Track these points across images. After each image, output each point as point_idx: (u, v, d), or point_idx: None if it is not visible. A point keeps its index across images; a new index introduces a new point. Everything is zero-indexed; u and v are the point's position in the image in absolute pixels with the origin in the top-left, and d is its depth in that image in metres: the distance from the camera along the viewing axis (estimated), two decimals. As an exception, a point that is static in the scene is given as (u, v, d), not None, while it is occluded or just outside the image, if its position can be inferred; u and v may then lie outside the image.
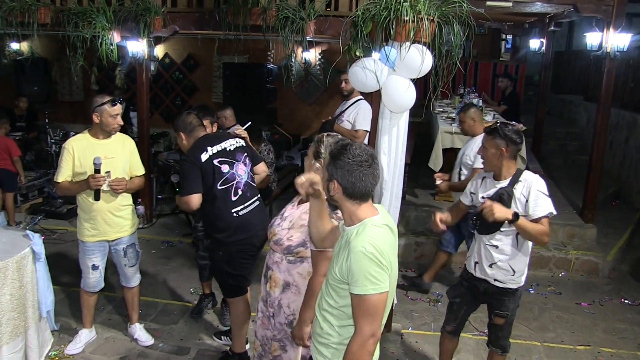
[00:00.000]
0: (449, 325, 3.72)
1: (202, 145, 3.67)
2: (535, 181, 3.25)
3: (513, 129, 3.31)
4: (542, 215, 3.19)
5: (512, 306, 3.44)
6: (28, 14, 5.92)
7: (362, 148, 2.23)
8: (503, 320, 3.46)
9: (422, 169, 7.27)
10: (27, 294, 3.75)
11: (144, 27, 5.86)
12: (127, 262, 4.13)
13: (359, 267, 2.10)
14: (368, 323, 2.11)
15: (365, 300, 2.10)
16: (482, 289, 3.45)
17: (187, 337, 4.46)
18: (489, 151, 3.33)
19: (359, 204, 2.23)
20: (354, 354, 2.13)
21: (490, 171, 3.43)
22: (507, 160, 3.30)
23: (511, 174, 3.31)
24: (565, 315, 5.17)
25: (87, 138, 3.91)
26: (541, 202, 3.20)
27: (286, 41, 5.24)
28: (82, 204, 3.94)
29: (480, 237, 3.42)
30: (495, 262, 3.34)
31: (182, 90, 10.74)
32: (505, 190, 3.25)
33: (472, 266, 3.50)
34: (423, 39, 3.70)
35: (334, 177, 2.20)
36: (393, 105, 3.91)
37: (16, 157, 6.57)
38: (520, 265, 3.35)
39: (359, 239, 2.15)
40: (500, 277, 3.35)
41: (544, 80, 8.94)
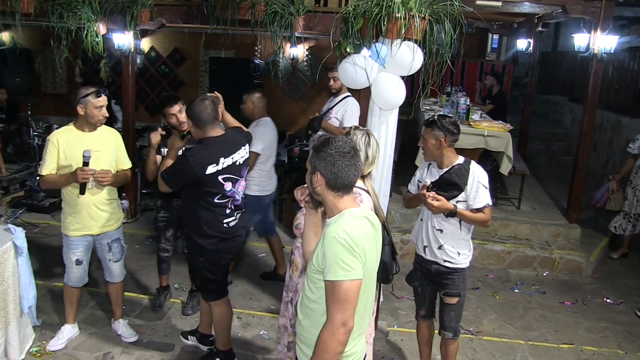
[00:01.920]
0: (421, 310, 3.89)
1: (214, 155, 3.45)
2: (479, 174, 3.46)
3: (450, 121, 3.49)
4: (480, 207, 3.43)
5: (462, 285, 3.63)
6: (10, 2, 5.79)
7: (344, 140, 2.28)
8: (456, 299, 3.62)
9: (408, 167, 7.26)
10: (8, 289, 3.68)
11: (131, 20, 5.77)
12: (112, 257, 4.08)
13: (331, 252, 2.12)
14: (339, 311, 2.10)
15: (336, 287, 2.10)
16: (433, 270, 3.64)
17: (172, 333, 4.42)
18: (429, 142, 3.49)
19: (340, 195, 2.25)
20: (324, 342, 2.12)
21: (430, 160, 3.62)
22: (447, 149, 3.47)
23: (452, 162, 3.50)
24: (549, 314, 5.21)
25: (72, 131, 3.84)
26: (481, 194, 3.43)
27: (274, 36, 5.20)
28: (66, 197, 3.87)
29: (427, 221, 3.62)
30: (442, 245, 3.55)
31: (168, 84, 10.61)
32: (463, 166, 3.47)
33: (421, 250, 3.70)
34: (414, 37, 3.69)
35: (317, 169, 2.23)
36: (383, 103, 3.89)
37: None
38: (465, 248, 3.59)
39: (334, 226, 2.17)
40: (448, 258, 3.56)
41: (530, 81, 9.00)
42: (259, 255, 6.13)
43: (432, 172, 3.60)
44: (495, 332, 4.82)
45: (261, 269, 5.75)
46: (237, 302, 4.84)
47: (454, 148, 3.54)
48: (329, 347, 2.11)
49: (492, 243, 6.28)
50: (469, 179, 3.42)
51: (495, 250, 6.23)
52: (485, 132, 6.29)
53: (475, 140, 6.27)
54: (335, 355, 2.13)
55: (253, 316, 4.78)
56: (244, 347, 4.29)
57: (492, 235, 6.43)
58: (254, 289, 5.29)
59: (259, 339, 4.44)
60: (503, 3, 6.04)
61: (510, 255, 6.22)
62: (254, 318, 4.75)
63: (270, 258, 5.89)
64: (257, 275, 5.58)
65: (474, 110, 7.41)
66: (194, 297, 4.81)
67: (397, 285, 5.50)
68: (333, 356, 2.13)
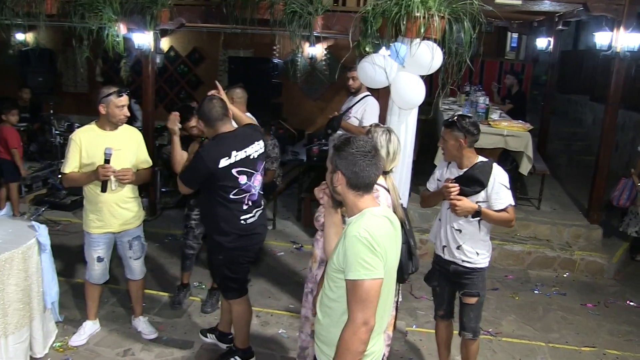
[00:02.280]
0: (439, 310, 3.86)
1: (226, 148, 3.48)
2: (499, 174, 3.43)
3: (470, 121, 3.45)
4: (502, 208, 3.39)
5: (481, 285, 3.60)
6: (34, 4, 5.87)
7: (365, 140, 2.29)
8: (475, 299, 3.59)
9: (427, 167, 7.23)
10: (32, 284, 3.74)
11: (151, 20, 5.83)
12: (133, 254, 4.12)
13: (352, 251, 2.12)
14: (360, 310, 2.10)
15: (358, 286, 2.10)
16: (451, 270, 3.61)
17: (191, 330, 4.45)
18: (448, 142, 3.46)
19: (361, 195, 2.26)
20: (346, 341, 2.12)
21: (450, 160, 3.59)
22: (467, 150, 3.44)
23: (472, 162, 3.45)
24: (569, 316, 5.16)
25: (94, 129, 3.89)
26: (502, 194, 3.40)
27: (293, 36, 5.22)
28: (88, 195, 3.92)
29: (446, 221, 3.60)
30: (461, 245, 3.52)
31: (186, 83, 10.72)
32: (487, 164, 3.44)
33: (440, 249, 3.67)
34: (433, 36, 3.70)
35: (338, 168, 2.24)
36: (402, 102, 3.90)
37: (13, 149, 6.42)
38: (483, 249, 3.56)
39: (354, 225, 2.18)
40: (467, 258, 3.53)
41: (550, 80, 8.91)
42: (278, 253, 6.15)
43: (452, 172, 3.57)
44: (515, 334, 4.79)
45: (280, 268, 5.77)
46: (256, 301, 4.86)
47: (474, 148, 3.52)
48: (351, 347, 2.12)
49: (512, 244, 6.24)
50: (490, 180, 3.40)
51: (514, 250, 6.19)
52: (505, 131, 6.25)
53: (495, 139, 6.23)
54: (358, 354, 2.14)
55: (272, 315, 4.80)
56: (262, 345, 4.30)
57: (511, 235, 6.38)
58: (272, 288, 5.30)
59: (278, 337, 4.46)
60: (523, 1, 5.98)
61: (530, 256, 6.17)
62: (272, 317, 4.77)
63: (289, 256, 5.92)
64: (275, 274, 5.60)
65: (493, 110, 7.36)
66: (213, 295, 4.84)
67: (416, 286, 5.49)
68: (355, 355, 2.13)
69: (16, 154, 6.45)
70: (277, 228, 6.88)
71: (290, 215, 7.37)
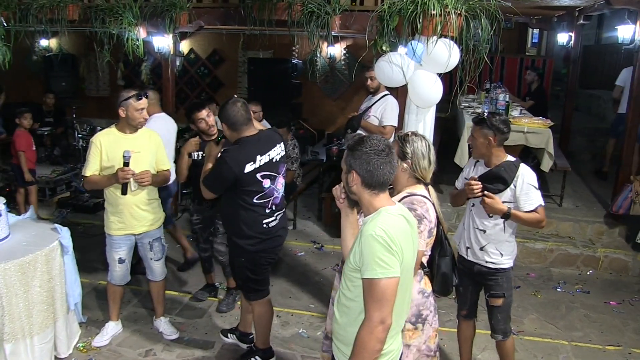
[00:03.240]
0: (462, 309, 3.84)
1: (251, 153, 3.48)
2: (527, 174, 3.39)
3: (500, 119, 3.41)
4: (531, 209, 3.36)
5: (507, 286, 3.55)
6: (57, 10, 5.98)
7: (379, 138, 2.28)
8: (501, 300, 3.56)
9: (447, 165, 7.19)
10: (55, 286, 3.81)
11: (170, 23, 5.89)
12: (153, 255, 4.17)
13: (368, 250, 2.12)
14: (377, 309, 2.11)
15: (374, 285, 2.11)
16: (475, 270, 3.59)
17: (212, 331, 4.49)
18: (477, 140, 3.43)
19: (376, 194, 2.26)
20: (363, 340, 2.13)
21: (478, 158, 3.55)
22: (496, 148, 3.41)
23: (500, 161, 3.42)
24: (593, 314, 5.08)
25: (114, 132, 3.95)
26: (532, 195, 3.36)
27: (311, 36, 5.23)
28: (109, 197, 3.98)
29: (470, 222, 3.57)
30: (485, 245, 3.49)
31: (207, 85, 10.80)
32: (513, 163, 3.40)
33: (464, 251, 3.64)
34: (450, 33, 3.67)
35: (353, 168, 2.24)
36: (420, 100, 3.88)
37: (19, 151, 6.43)
38: (508, 248, 3.51)
39: (370, 224, 2.18)
40: (490, 258, 3.50)
41: (572, 75, 8.78)
42: (298, 254, 6.16)
43: (479, 170, 3.54)
44: (537, 332, 4.73)
45: (301, 268, 5.78)
46: (277, 301, 4.87)
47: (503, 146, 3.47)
48: (368, 345, 2.12)
49: (534, 241, 6.17)
50: (518, 181, 3.35)
51: (536, 248, 6.11)
52: (525, 128, 6.18)
53: (515, 136, 6.15)
54: (374, 353, 2.14)
55: (292, 315, 4.81)
56: (283, 345, 4.32)
57: (533, 233, 6.31)
58: (293, 288, 5.32)
59: (298, 337, 4.47)
60: (542, -4, 5.91)
61: (552, 253, 6.09)
62: (293, 316, 4.78)
63: (310, 256, 5.93)
64: (296, 274, 5.62)
65: (514, 107, 7.28)
66: (230, 294, 4.89)
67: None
68: (372, 354, 2.14)
69: (22, 156, 6.45)
70: (298, 228, 6.90)
71: (311, 215, 7.38)
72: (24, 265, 3.54)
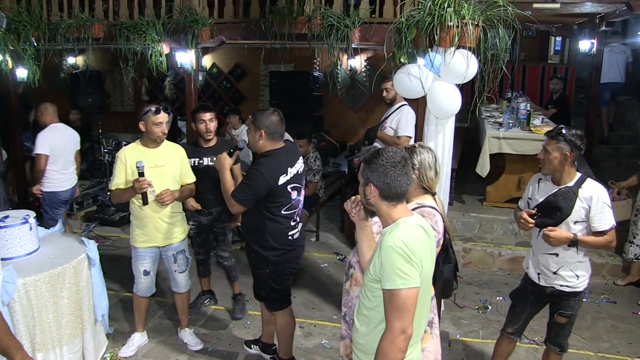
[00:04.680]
0: (511, 327, 3.70)
1: (283, 165, 3.53)
2: (601, 192, 3.21)
3: (576, 134, 3.22)
4: (606, 229, 3.19)
5: (577, 307, 3.45)
6: (84, 29, 6.14)
7: (394, 150, 2.31)
8: (566, 319, 3.46)
9: (469, 175, 7.18)
10: (83, 298, 3.89)
11: (192, 38, 5.99)
12: (177, 268, 4.24)
13: (388, 262, 2.15)
14: (398, 319, 2.13)
15: (394, 295, 2.13)
16: (548, 292, 3.45)
17: (236, 342, 4.53)
18: (551, 154, 3.22)
19: (394, 205, 2.29)
20: (385, 350, 2.15)
21: (549, 174, 3.35)
22: (570, 165, 3.23)
23: (572, 179, 3.25)
24: (621, 324, 5.00)
25: (138, 147, 4.04)
26: (606, 214, 3.19)
27: (331, 49, 5.28)
28: (133, 210, 4.07)
29: (538, 245, 3.42)
30: (558, 270, 3.34)
31: (229, 99, 10.92)
32: (570, 189, 3.22)
33: (535, 276, 3.49)
34: (468, 44, 3.70)
35: (370, 181, 2.27)
36: (438, 111, 3.90)
37: None
38: (583, 270, 3.37)
39: (390, 235, 2.20)
40: (565, 282, 3.35)
41: (594, 82, 8.70)
42: (321, 265, 6.19)
43: (544, 189, 3.37)
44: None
45: (323, 279, 5.80)
46: (299, 312, 4.91)
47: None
48: (390, 355, 2.15)
49: (558, 251, 6.09)
50: (593, 200, 3.16)
51: (561, 258, 6.04)
52: (548, 137, 6.12)
53: (537, 145, 6.04)
54: None
55: (315, 325, 4.84)
56: (305, 356, 4.34)
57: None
58: (316, 299, 5.35)
59: (321, 348, 4.49)
60: (562, 4, 5.89)
61: (578, 263, 6.00)
62: (315, 327, 4.81)
63: (332, 268, 5.96)
64: (318, 285, 5.65)
65: (535, 115, 7.25)
66: (239, 300, 5.00)
67: (460, 295, 5.45)
68: None
69: None
70: (320, 240, 6.94)
71: (333, 227, 7.41)
72: (53, 277, 3.63)
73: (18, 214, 3.91)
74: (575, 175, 3.27)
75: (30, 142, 8.31)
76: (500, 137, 6.38)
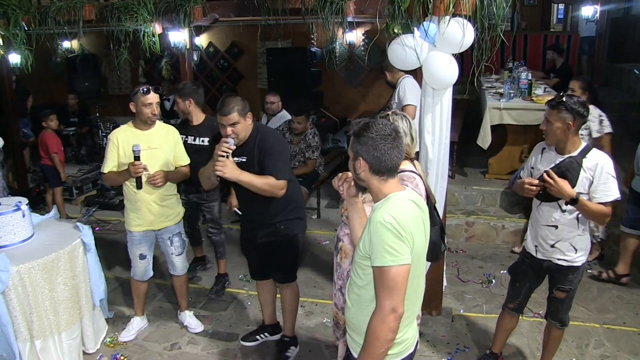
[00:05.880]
0: (512, 302, 3.67)
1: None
2: (606, 163, 3.11)
3: (579, 101, 3.13)
4: (609, 201, 3.09)
5: (575, 281, 3.38)
6: (74, 12, 6.03)
7: (384, 123, 2.21)
8: (565, 294, 3.40)
9: (470, 148, 7.08)
10: (79, 283, 3.86)
11: (184, 17, 5.87)
12: (174, 251, 4.19)
13: (377, 238, 2.07)
14: (388, 297, 2.06)
15: (384, 273, 2.05)
16: (545, 266, 3.40)
17: (236, 323, 4.50)
18: (554, 125, 3.14)
19: (385, 179, 2.20)
20: (375, 329, 2.08)
21: (553, 145, 3.27)
22: (573, 134, 3.14)
23: (576, 149, 3.16)
24: (627, 295, 4.93)
25: (130, 129, 3.98)
26: (610, 186, 3.09)
27: (326, 23, 5.15)
28: (127, 194, 4.01)
29: (538, 218, 3.36)
30: (556, 242, 3.28)
31: (227, 78, 10.81)
32: (575, 159, 3.13)
33: (532, 249, 3.45)
34: (464, 12, 3.57)
35: (359, 155, 2.18)
36: (435, 82, 3.79)
37: (53, 153, 6.54)
38: (583, 243, 3.29)
39: (379, 211, 2.12)
40: (563, 256, 3.29)
41: (598, 49, 8.53)
42: (322, 243, 6.14)
43: (548, 158, 3.29)
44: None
45: (325, 257, 5.74)
46: (301, 291, 4.77)
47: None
48: (380, 335, 2.08)
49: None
50: (597, 170, 3.08)
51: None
52: (550, 106, 6.01)
53: (539, 115, 5.99)
54: (387, 342, 2.10)
55: (316, 304, 4.80)
56: (307, 335, 4.31)
57: (562, 213, 6.15)
58: (317, 277, 5.30)
59: (322, 327, 4.45)
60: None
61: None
62: (317, 306, 4.77)
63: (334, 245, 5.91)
64: (320, 263, 5.59)
65: (537, 85, 7.11)
66: (220, 281, 5.03)
67: (463, 269, 5.40)
68: (384, 343, 2.09)
69: (56, 158, 6.56)
70: (322, 217, 6.88)
71: (335, 203, 7.33)
72: (47, 264, 3.60)
73: (10, 201, 3.87)
74: (579, 144, 3.18)
75: (28, 129, 8.31)
76: (501, 107, 6.25)
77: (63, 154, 6.84)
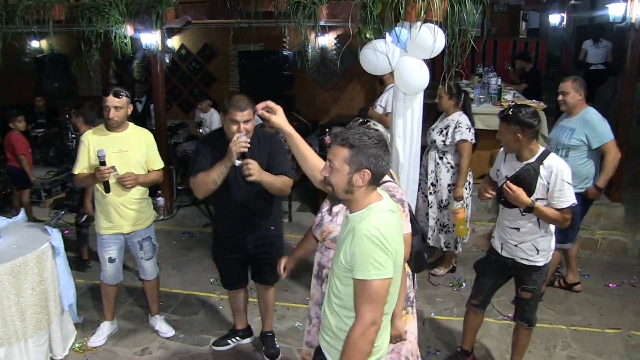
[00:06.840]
0: (475, 299, 3.75)
1: None
2: (562, 169, 3.19)
3: (528, 112, 3.21)
4: (565, 207, 3.18)
5: (539, 281, 3.47)
6: (43, 11, 5.94)
7: (370, 128, 2.23)
8: (530, 294, 3.49)
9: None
10: (48, 288, 3.79)
11: (157, 19, 5.85)
12: (144, 255, 4.14)
13: (362, 251, 2.04)
14: (370, 310, 2.05)
15: (368, 286, 2.04)
16: (510, 264, 3.49)
17: (208, 328, 4.47)
18: (505, 137, 3.27)
19: (373, 189, 2.17)
20: (355, 342, 2.07)
21: (510, 152, 3.39)
22: (527, 143, 3.23)
23: (534, 154, 3.25)
24: (592, 297, 5.04)
25: (102, 130, 3.94)
26: (565, 192, 3.19)
27: (299, 27, 5.17)
28: (97, 196, 3.97)
29: (502, 219, 3.47)
30: (520, 243, 3.38)
31: (199, 80, 10.72)
32: (532, 166, 3.22)
33: (498, 246, 3.54)
34: (435, 18, 3.62)
35: (363, 167, 2.08)
36: (406, 87, 3.84)
37: (20, 155, 6.41)
38: (545, 244, 3.38)
39: (363, 223, 2.08)
40: (525, 255, 3.38)
41: (565, 56, 8.72)
42: (294, 246, 6.11)
43: (509, 164, 3.39)
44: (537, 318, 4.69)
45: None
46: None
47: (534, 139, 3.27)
48: (360, 347, 2.07)
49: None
50: (552, 177, 3.16)
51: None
52: (518, 111, 6.11)
53: (509, 120, 6.11)
54: (365, 355, 2.10)
55: (288, 308, 4.79)
56: (279, 339, 4.28)
57: (530, 217, 6.26)
58: (289, 281, 5.27)
59: (294, 330, 4.46)
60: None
61: (550, 237, 6.04)
62: (289, 310, 4.76)
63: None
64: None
65: (507, 90, 7.23)
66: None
67: (433, 272, 5.44)
68: (363, 355, 2.09)
69: (23, 160, 6.43)
70: (293, 221, 6.88)
71: (306, 207, 7.35)
72: (14, 268, 3.52)
73: (-25, 204, 3.78)
74: (537, 150, 3.26)
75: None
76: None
77: (31, 156, 6.71)
